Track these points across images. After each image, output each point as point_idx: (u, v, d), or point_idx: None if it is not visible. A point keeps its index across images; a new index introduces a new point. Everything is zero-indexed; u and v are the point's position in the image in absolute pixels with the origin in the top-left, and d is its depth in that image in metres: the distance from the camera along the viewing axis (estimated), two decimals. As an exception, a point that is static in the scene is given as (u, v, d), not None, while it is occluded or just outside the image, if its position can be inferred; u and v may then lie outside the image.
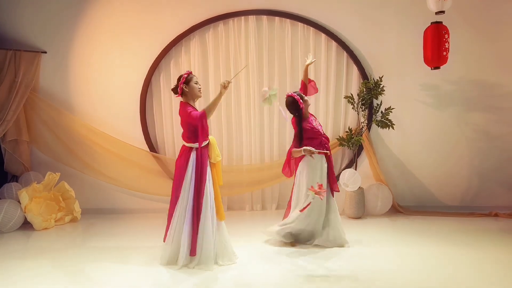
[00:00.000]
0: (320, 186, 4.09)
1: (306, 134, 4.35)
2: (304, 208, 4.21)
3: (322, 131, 4.45)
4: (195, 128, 3.84)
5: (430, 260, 3.96)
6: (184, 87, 3.93)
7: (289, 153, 4.44)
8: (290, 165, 4.50)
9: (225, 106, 5.99)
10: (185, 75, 3.96)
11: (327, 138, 4.48)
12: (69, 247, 4.56)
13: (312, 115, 4.57)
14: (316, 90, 4.75)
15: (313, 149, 4.21)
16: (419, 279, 3.53)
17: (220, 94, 3.82)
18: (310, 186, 4.12)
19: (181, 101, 4.00)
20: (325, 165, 4.38)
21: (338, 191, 4.53)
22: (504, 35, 5.78)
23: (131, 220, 5.70)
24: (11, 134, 5.68)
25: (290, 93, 4.43)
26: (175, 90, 4.00)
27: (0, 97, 5.55)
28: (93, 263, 3.99)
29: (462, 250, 4.25)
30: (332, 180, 4.45)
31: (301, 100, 4.34)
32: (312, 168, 4.31)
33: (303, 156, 4.31)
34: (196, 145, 3.88)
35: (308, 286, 3.43)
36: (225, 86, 3.80)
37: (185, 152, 3.93)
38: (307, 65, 4.67)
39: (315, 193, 4.03)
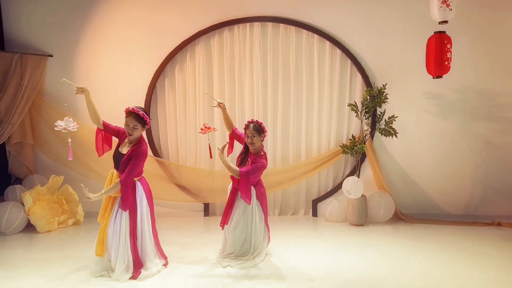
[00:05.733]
0: (205, 126, 4.28)
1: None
2: (210, 153, 4.40)
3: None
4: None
5: (432, 268, 3.96)
6: None
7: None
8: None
9: (229, 114, 5.99)
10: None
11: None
12: (71, 249, 4.57)
13: (252, 159, 4.19)
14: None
15: None
16: (420, 287, 3.53)
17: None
18: (201, 129, 4.32)
19: None
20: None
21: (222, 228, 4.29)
22: (508, 45, 5.81)
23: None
24: (16, 136, 5.71)
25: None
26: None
27: (6, 99, 5.59)
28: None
29: (464, 258, 4.25)
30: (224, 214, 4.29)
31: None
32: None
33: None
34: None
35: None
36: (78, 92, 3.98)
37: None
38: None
39: (205, 132, 4.27)
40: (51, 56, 5.92)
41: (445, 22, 4.91)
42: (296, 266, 4.03)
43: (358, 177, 5.71)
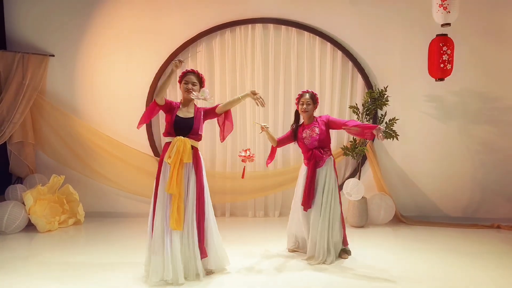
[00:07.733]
0: (246, 152, 4.19)
1: (298, 142, 4.40)
2: (243, 174, 4.27)
3: (313, 144, 4.23)
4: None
5: (432, 270, 3.96)
6: (180, 86, 3.94)
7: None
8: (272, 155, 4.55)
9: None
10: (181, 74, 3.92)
11: (321, 151, 4.22)
12: (71, 249, 4.58)
13: (315, 124, 4.30)
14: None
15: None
16: (422, 290, 3.54)
17: (171, 72, 3.72)
18: (239, 153, 4.23)
19: None
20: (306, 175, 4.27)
21: (305, 211, 4.21)
22: (509, 48, 5.81)
23: (134, 224, 5.72)
24: (17, 136, 5.73)
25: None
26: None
27: (8, 99, 5.60)
28: (95, 266, 4.01)
29: (463, 261, 4.25)
30: (305, 194, 4.22)
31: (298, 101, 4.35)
32: (300, 176, 4.36)
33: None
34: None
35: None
36: (176, 65, 3.67)
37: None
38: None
39: (243, 160, 4.17)
40: (53, 55, 5.94)
41: (448, 24, 4.89)
42: (295, 268, 4.04)
43: (359, 179, 5.71)
